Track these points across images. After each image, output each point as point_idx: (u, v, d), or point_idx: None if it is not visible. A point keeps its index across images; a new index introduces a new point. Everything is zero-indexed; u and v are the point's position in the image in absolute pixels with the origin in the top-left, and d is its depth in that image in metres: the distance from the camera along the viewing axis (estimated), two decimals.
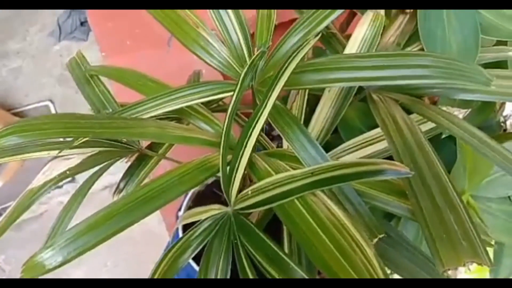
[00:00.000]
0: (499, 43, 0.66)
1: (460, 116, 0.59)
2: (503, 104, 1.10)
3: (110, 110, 0.56)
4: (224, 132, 0.45)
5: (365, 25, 0.55)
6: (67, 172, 0.49)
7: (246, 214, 0.45)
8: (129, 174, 0.56)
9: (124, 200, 0.38)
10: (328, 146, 0.57)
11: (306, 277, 0.37)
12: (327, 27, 0.62)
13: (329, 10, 0.48)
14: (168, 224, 1.05)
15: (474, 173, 0.63)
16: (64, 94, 1.71)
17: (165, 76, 0.67)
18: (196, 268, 0.66)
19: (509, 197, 0.68)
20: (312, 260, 0.33)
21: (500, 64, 0.70)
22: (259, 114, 0.42)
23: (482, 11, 0.63)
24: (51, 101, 1.71)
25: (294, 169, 0.46)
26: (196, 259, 0.51)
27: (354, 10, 0.61)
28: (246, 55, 0.50)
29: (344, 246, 0.32)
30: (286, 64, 0.40)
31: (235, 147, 0.43)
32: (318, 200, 0.38)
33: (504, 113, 0.84)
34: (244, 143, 0.42)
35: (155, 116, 0.49)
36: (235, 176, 0.43)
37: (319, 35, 0.47)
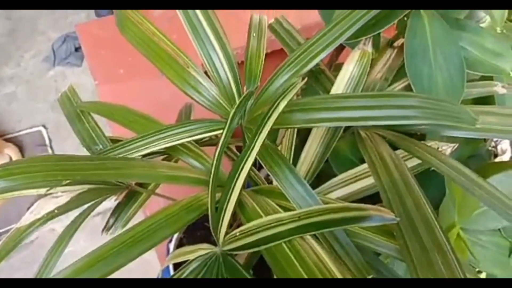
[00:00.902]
0: (483, 78, 0.68)
1: (449, 150, 0.59)
2: None
3: (100, 146, 0.56)
4: (212, 172, 0.45)
5: (352, 63, 0.56)
6: (56, 211, 0.49)
7: (235, 254, 0.45)
8: (118, 211, 0.55)
9: (110, 245, 0.38)
10: (320, 175, 0.57)
11: None
12: (316, 64, 0.63)
13: (317, 50, 0.49)
14: (160, 254, 1.04)
15: (464, 207, 0.63)
16: (58, 120, 1.71)
17: (158, 104, 0.68)
18: None
19: (499, 229, 0.69)
20: None
21: (487, 99, 0.72)
22: (248, 154, 0.42)
23: (467, 47, 0.64)
24: (44, 126, 1.71)
25: (282, 207, 0.46)
26: None
27: (343, 43, 0.62)
28: (236, 94, 0.51)
29: None
30: (273, 107, 0.41)
31: (224, 187, 0.43)
32: (305, 244, 0.38)
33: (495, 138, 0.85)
34: (233, 184, 0.42)
35: (145, 154, 0.50)
36: (223, 217, 0.43)
37: (306, 78, 0.48)
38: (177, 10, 0.50)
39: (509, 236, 0.69)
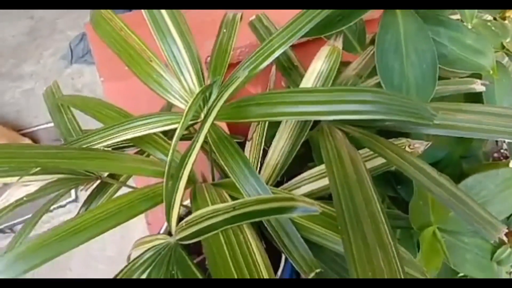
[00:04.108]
0: (473, 75, 0.66)
1: (422, 148, 0.58)
2: None
3: (74, 137, 0.58)
4: (167, 164, 0.46)
5: (321, 59, 0.56)
6: (24, 198, 0.51)
7: (187, 245, 0.46)
8: (89, 201, 0.57)
9: (57, 231, 0.40)
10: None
11: None
12: (289, 60, 0.63)
13: (273, 48, 0.49)
14: None
15: (438, 205, 0.62)
16: None
17: (160, 100, 0.70)
18: None
19: None
20: None
21: (478, 98, 0.70)
22: (193, 147, 0.43)
23: (447, 43, 0.63)
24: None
25: (235, 198, 0.46)
26: None
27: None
28: (198, 88, 0.51)
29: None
30: (217, 100, 0.42)
31: (173, 180, 0.44)
32: (241, 236, 0.38)
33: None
34: (180, 176, 0.43)
35: (109, 145, 0.51)
36: (173, 207, 0.44)
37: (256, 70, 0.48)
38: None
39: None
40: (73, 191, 1.54)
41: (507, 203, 0.65)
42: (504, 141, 1.14)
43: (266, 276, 0.33)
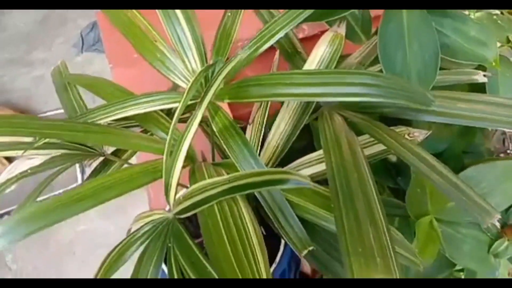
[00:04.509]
0: (479, 68, 0.66)
1: (421, 136, 0.59)
2: (495, 132, 1.08)
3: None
4: (167, 141, 0.47)
5: (324, 44, 0.56)
6: (29, 171, 0.53)
7: (184, 219, 0.47)
8: (93, 176, 0.58)
9: (59, 198, 0.41)
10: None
11: (217, 277, 0.38)
12: (293, 46, 0.64)
13: (275, 30, 0.50)
14: None
15: (437, 194, 0.62)
16: None
17: (167, 87, 0.71)
18: None
19: None
20: (210, 257, 0.34)
21: (483, 91, 0.70)
22: (191, 122, 0.44)
23: (451, 34, 0.63)
24: None
25: None
26: None
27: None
28: (200, 68, 0.52)
29: (239, 252, 0.34)
30: (214, 79, 0.43)
31: (172, 156, 0.45)
32: (235, 210, 0.39)
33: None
34: (179, 149, 0.44)
35: (113, 122, 0.52)
36: (171, 183, 0.45)
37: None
38: None
39: (488, 230, 0.68)
40: (79, 176, 1.57)
41: (507, 195, 0.65)
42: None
43: (256, 244, 0.34)
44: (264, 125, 0.59)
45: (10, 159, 1.65)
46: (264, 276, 0.31)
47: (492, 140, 1.03)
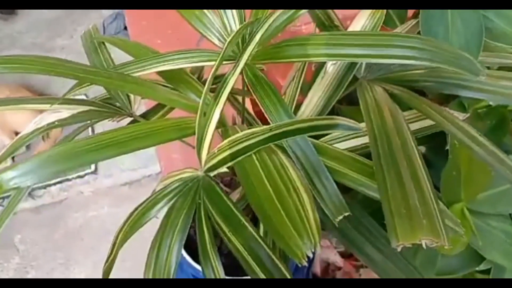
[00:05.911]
0: None
1: (460, 118, 0.57)
2: None
3: None
4: (202, 98, 0.45)
5: (364, 17, 0.55)
6: (56, 123, 0.51)
7: (215, 177, 0.45)
8: None
9: (89, 140, 0.39)
10: None
11: (255, 235, 0.36)
12: (330, 19, 0.62)
13: None
14: None
15: (471, 182, 0.60)
16: (100, 89, 1.79)
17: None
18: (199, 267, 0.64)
19: (510, 215, 0.65)
20: (252, 204, 0.32)
21: None
22: (227, 81, 0.42)
23: (494, 18, 0.61)
24: (86, 95, 1.79)
25: None
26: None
27: None
28: (238, 27, 0.51)
29: (283, 193, 0.32)
30: (252, 36, 0.41)
31: (207, 114, 0.43)
32: (276, 159, 0.37)
33: None
34: (213, 109, 0.43)
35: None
36: (204, 139, 0.43)
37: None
38: None
39: None
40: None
41: None
42: None
43: (303, 194, 0.32)
44: (295, 99, 0.58)
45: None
46: (311, 217, 0.29)
47: None
